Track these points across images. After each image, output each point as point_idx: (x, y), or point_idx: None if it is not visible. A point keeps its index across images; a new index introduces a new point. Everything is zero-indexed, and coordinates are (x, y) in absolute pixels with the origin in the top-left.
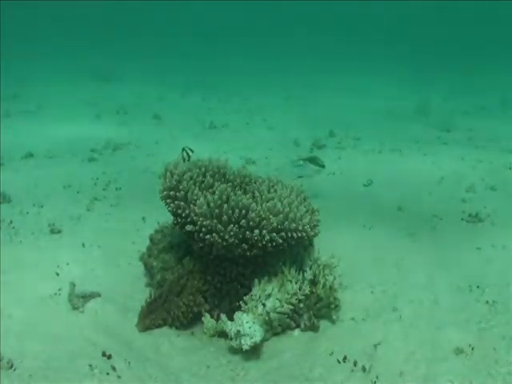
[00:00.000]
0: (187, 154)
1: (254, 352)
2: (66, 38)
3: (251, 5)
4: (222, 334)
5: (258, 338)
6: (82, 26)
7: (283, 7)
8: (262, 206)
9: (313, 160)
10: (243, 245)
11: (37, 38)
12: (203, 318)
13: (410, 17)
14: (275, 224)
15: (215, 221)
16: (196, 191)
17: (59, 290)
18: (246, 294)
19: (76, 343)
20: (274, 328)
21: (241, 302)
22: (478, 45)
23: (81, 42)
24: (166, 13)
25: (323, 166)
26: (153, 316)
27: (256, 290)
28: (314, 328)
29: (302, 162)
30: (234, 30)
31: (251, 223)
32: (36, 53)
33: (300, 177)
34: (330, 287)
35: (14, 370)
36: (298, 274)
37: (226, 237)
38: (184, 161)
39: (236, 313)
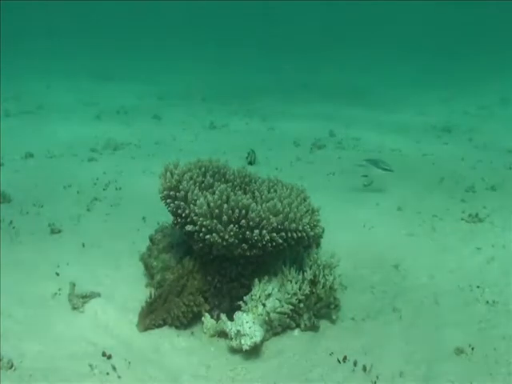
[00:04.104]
0: (253, 156)
1: (254, 352)
2: (66, 38)
3: (253, 4)
4: (222, 334)
5: (258, 338)
6: (82, 26)
7: (284, 7)
8: (262, 206)
9: (377, 163)
10: (243, 245)
11: (37, 38)
12: (203, 318)
13: (409, 16)
14: (275, 224)
15: (215, 221)
16: (196, 191)
17: (59, 289)
18: (246, 294)
19: (76, 343)
20: (274, 328)
21: (241, 302)
22: (478, 44)
23: (81, 42)
24: (165, 13)
25: (391, 170)
26: (153, 316)
27: (256, 290)
28: (313, 328)
29: (364, 163)
30: (232, 29)
31: (251, 223)
32: (36, 53)
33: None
34: (330, 287)
35: (14, 370)
36: (298, 274)
37: (226, 237)
38: (250, 163)
39: (236, 313)
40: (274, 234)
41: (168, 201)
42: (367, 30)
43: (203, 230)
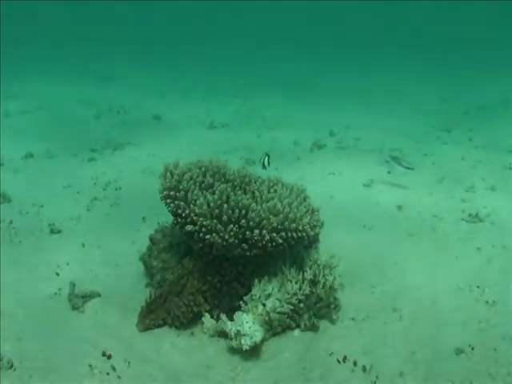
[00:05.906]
0: (268, 160)
1: (254, 352)
2: (67, 38)
3: (253, 5)
4: (222, 334)
5: (258, 338)
6: (83, 26)
7: (284, 8)
8: (262, 206)
9: (399, 161)
10: (243, 245)
11: (37, 37)
12: (203, 318)
13: (410, 16)
14: (275, 224)
15: (215, 221)
16: (196, 191)
17: (59, 289)
18: (246, 294)
19: (76, 343)
20: (274, 328)
21: (241, 302)
22: (478, 44)
23: (81, 42)
24: (164, 13)
25: (412, 169)
26: (153, 316)
27: (256, 290)
28: (313, 328)
29: (389, 159)
30: (231, 29)
31: (251, 223)
32: (36, 53)
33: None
34: (330, 287)
35: (14, 370)
36: (298, 274)
37: (226, 237)
38: (263, 167)
39: (236, 313)
40: (274, 234)
41: (168, 201)
42: (368, 30)
43: (203, 229)
